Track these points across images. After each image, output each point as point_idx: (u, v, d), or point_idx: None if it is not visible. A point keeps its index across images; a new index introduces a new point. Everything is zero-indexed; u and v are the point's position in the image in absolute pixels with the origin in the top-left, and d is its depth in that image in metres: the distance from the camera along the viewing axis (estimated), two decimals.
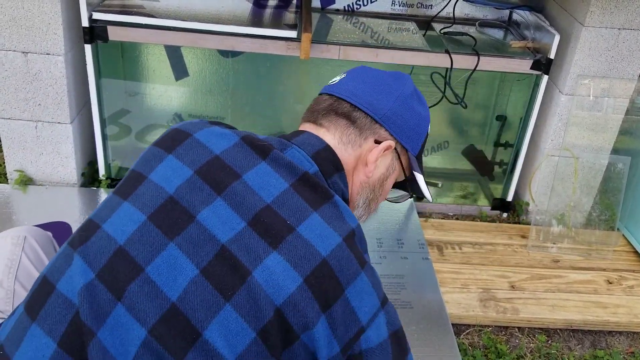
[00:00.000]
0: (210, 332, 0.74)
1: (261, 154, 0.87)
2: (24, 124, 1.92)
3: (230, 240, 0.79)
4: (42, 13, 1.74)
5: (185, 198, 0.82)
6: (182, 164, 0.86)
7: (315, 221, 0.82)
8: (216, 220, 0.80)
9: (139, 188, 0.84)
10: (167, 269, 0.77)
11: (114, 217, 0.82)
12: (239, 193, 0.82)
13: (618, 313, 1.78)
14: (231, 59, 2.10)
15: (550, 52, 1.91)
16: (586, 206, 2.09)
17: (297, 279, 0.77)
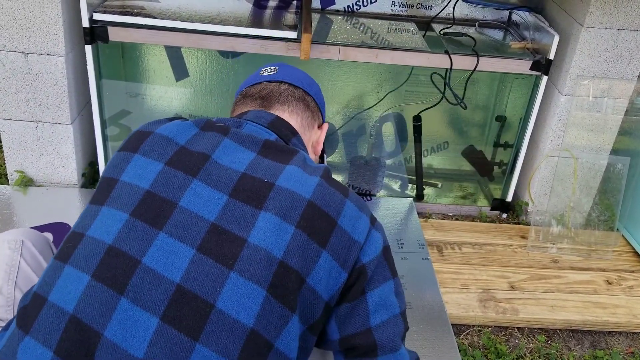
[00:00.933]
0: (221, 301, 0.75)
1: (222, 132, 0.91)
2: (25, 125, 1.92)
3: (218, 216, 0.81)
4: (42, 14, 1.75)
5: (162, 189, 0.83)
6: (150, 159, 0.88)
7: (290, 171, 0.87)
8: (198, 201, 0.82)
9: (113, 191, 0.85)
10: (164, 255, 0.78)
11: (96, 222, 0.82)
12: (213, 171, 0.86)
13: (617, 313, 1.78)
14: (231, 60, 2.11)
15: (549, 53, 1.92)
16: (586, 206, 2.10)
17: (289, 228, 0.81)
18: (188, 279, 0.76)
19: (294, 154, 0.91)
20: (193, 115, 2.22)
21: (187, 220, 0.80)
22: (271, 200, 0.83)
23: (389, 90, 2.17)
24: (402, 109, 2.22)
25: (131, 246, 0.78)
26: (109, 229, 0.80)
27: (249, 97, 1.07)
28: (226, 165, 0.87)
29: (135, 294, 0.76)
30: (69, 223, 1.81)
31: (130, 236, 0.79)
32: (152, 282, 0.76)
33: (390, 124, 2.24)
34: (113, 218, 0.81)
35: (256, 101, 1.05)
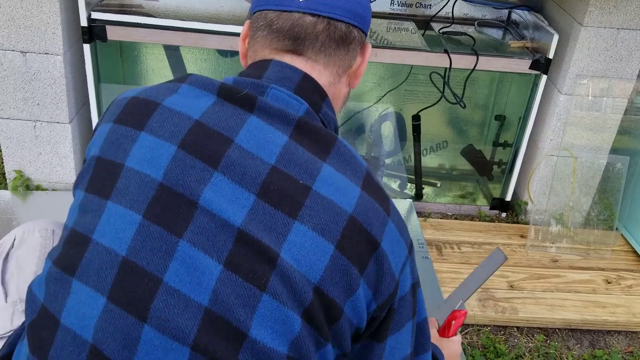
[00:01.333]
0: (255, 329, 0.66)
1: (246, 106, 0.73)
2: (23, 124, 1.92)
3: (245, 221, 0.67)
4: (40, 12, 1.74)
5: (178, 182, 0.68)
6: (160, 139, 0.71)
7: (328, 173, 0.71)
8: (222, 201, 0.68)
9: (119, 181, 0.70)
10: (188, 272, 0.66)
11: (103, 223, 0.69)
12: (237, 161, 0.69)
13: (616, 312, 1.78)
14: (230, 59, 2.10)
15: (549, 52, 1.91)
16: (585, 206, 2.10)
17: (328, 247, 0.68)
18: (217, 301, 0.65)
19: (332, 145, 0.74)
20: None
21: (211, 226, 0.67)
22: (307, 210, 0.68)
23: (388, 89, 2.17)
24: (401, 108, 2.22)
25: (149, 259, 0.66)
26: (120, 235, 0.67)
27: (275, 31, 0.80)
28: (253, 152, 0.70)
29: (159, 320, 0.65)
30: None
31: (146, 246, 0.66)
32: (177, 305, 0.65)
33: (390, 123, 2.24)
34: (123, 219, 0.68)
35: (284, 41, 0.80)
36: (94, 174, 0.73)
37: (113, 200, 0.70)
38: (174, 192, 0.68)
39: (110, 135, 0.74)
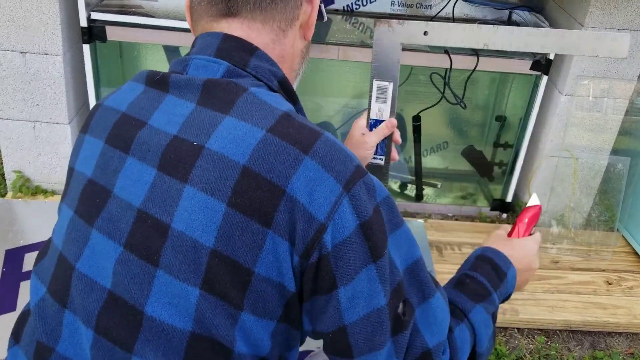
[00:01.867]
0: (151, 307, 0.65)
1: (163, 87, 0.75)
2: (22, 124, 1.91)
3: (145, 199, 0.67)
4: (40, 13, 1.74)
5: (101, 175, 0.73)
6: (94, 138, 0.76)
7: (227, 126, 0.68)
8: (129, 183, 0.69)
9: (70, 184, 0.79)
10: (94, 257, 0.70)
11: (57, 223, 0.80)
12: (145, 140, 0.70)
13: (617, 314, 1.77)
14: None
15: (549, 53, 1.91)
16: (586, 207, 2.09)
17: (219, 206, 0.64)
18: (116, 283, 0.68)
19: (239, 95, 0.70)
20: None
21: (118, 211, 0.69)
22: (197, 170, 0.65)
23: None
24: (402, 108, 2.21)
25: (71, 249, 0.73)
26: (61, 231, 0.76)
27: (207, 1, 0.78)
28: (160, 129, 0.70)
29: (73, 305, 0.71)
30: None
31: (70, 238, 0.73)
32: (84, 289, 0.70)
33: None
34: (65, 216, 0.76)
35: (218, 5, 0.77)
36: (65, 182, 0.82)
37: (63, 201, 0.78)
38: (97, 185, 0.73)
39: (75, 142, 0.83)
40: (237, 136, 0.67)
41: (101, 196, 0.71)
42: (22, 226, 1.84)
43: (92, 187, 0.73)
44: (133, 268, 0.67)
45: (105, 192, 0.71)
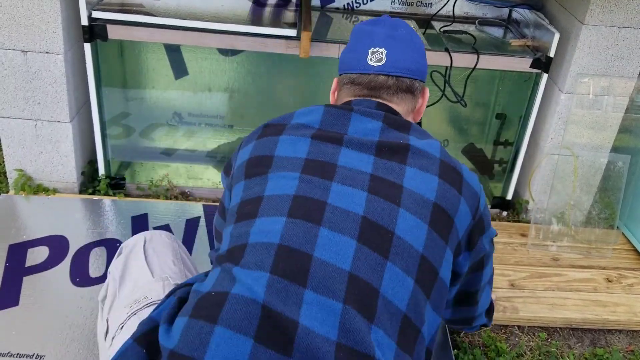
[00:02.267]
0: (399, 230, 0.90)
1: (337, 142, 1.01)
2: (24, 123, 1.92)
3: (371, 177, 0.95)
4: (41, 12, 1.74)
5: (317, 159, 0.98)
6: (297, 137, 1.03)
7: (416, 131, 1.03)
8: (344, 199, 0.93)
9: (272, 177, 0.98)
10: (330, 248, 0.87)
11: (261, 225, 0.92)
12: (346, 174, 0.96)
13: (617, 311, 1.78)
14: (231, 58, 2.10)
15: (550, 51, 1.91)
16: (586, 204, 2.10)
17: (434, 179, 0.96)
18: (355, 267, 0.86)
19: (409, 125, 1.04)
20: (192, 114, 2.21)
21: (341, 215, 0.91)
22: (413, 157, 0.98)
23: None
24: None
25: (299, 243, 0.87)
26: (272, 227, 0.91)
27: (357, 84, 1.12)
28: (354, 168, 0.96)
29: (316, 284, 0.83)
30: (66, 236, 1.80)
31: (293, 233, 0.89)
32: (327, 272, 0.84)
33: None
34: (271, 217, 0.93)
35: (363, 90, 1.12)
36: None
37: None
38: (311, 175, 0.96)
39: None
40: (428, 139, 1.02)
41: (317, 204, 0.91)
42: (24, 222, 1.84)
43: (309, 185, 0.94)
44: (369, 258, 0.86)
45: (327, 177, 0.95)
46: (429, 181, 0.95)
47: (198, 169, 2.24)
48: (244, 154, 1.04)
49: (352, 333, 0.80)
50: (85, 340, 1.46)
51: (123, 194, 2.07)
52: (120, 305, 1.12)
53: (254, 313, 0.80)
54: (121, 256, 1.25)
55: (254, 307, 0.80)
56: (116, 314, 1.10)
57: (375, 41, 1.12)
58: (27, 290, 1.59)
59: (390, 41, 1.12)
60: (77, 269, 1.68)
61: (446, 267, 0.95)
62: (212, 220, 1.95)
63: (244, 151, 1.05)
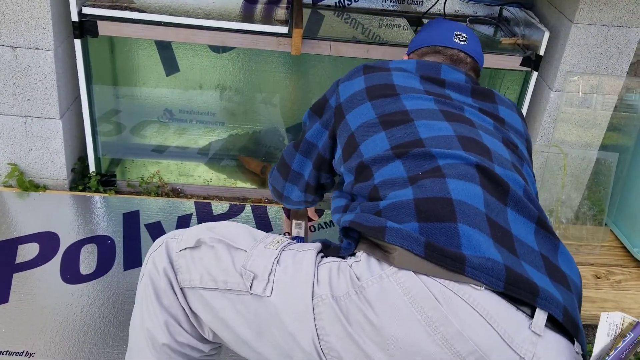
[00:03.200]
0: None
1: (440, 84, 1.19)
2: (13, 119, 1.90)
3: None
4: (31, 7, 1.73)
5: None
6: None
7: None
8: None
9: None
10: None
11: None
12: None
13: (606, 307, 1.80)
14: (222, 55, 2.10)
15: (539, 49, 1.92)
16: (575, 202, 2.11)
17: (517, 118, 1.20)
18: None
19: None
20: (183, 110, 2.21)
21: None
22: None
23: None
24: None
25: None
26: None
27: (441, 54, 1.29)
28: (464, 101, 1.15)
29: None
30: (57, 232, 1.79)
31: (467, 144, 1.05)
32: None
33: None
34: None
35: (446, 60, 1.27)
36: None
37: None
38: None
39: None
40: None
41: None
42: (15, 218, 1.83)
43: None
44: (509, 161, 1.04)
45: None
46: (516, 119, 1.17)
47: (189, 166, 2.24)
48: (351, 86, 1.17)
49: (532, 201, 0.98)
50: (76, 338, 1.45)
51: (114, 191, 2.06)
52: (259, 248, 0.95)
53: (473, 170, 0.95)
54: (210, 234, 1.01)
55: (470, 167, 0.95)
56: (258, 256, 0.93)
57: (459, 28, 1.33)
58: (17, 287, 1.58)
59: (469, 33, 1.34)
60: (67, 265, 1.67)
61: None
62: (204, 217, 1.95)
63: (349, 85, 1.18)
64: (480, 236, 0.87)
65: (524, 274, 0.85)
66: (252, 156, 2.27)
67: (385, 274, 0.85)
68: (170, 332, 0.98)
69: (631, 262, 2.01)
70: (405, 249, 0.85)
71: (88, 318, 1.51)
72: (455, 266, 0.83)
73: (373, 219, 0.91)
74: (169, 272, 0.98)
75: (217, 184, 2.18)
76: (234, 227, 1.01)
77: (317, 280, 0.88)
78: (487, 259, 0.84)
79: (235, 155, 2.28)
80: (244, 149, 2.28)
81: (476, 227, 0.87)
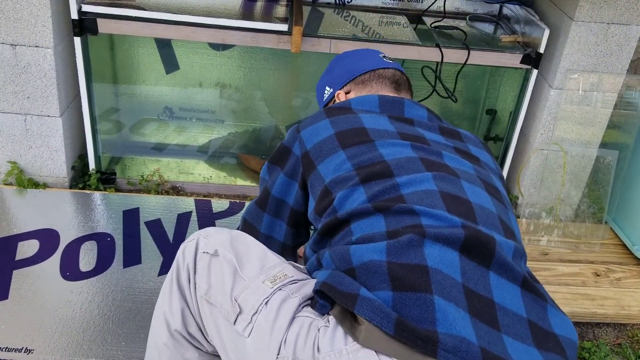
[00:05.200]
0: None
1: (407, 122, 1.16)
2: (13, 117, 1.91)
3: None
4: (30, 5, 1.73)
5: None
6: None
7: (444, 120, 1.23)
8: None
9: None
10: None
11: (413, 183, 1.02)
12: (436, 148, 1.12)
13: (605, 305, 1.79)
14: (222, 52, 2.10)
15: (540, 47, 1.92)
16: (575, 199, 2.11)
17: (485, 154, 1.16)
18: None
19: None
20: (183, 108, 2.21)
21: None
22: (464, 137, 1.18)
23: None
24: None
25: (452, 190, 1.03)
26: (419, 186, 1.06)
27: (384, 78, 1.27)
28: (439, 141, 1.12)
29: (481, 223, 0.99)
30: (57, 229, 1.79)
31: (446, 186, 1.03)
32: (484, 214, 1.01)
33: None
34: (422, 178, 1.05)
35: (392, 85, 1.27)
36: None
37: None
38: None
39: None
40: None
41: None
42: (15, 215, 1.84)
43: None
44: (500, 205, 1.02)
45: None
46: (486, 156, 1.13)
47: (189, 164, 2.24)
48: (317, 132, 1.10)
49: (517, 260, 0.94)
50: (75, 335, 1.46)
51: (114, 189, 2.06)
52: (257, 282, 0.95)
53: (455, 234, 0.88)
54: (224, 241, 1.03)
55: (453, 230, 0.89)
56: (253, 291, 0.94)
57: (378, 51, 1.33)
58: (17, 283, 1.58)
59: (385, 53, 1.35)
60: (67, 263, 1.67)
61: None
62: (204, 215, 1.95)
63: (313, 131, 1.11)
64: (456, 311, 0.81)
65: (501, 355, 0.80)
66: (252, 154, 2.28)
67: (346, 350, 0.82)
68: (184, 321, 1.04)
69: (631, 260, 2.01)
70: (374, 324, 0.80)
71: (87, 315, 1.51)
72: (426, 348, 0.77)
73: (347, 282, 0.86)
74: (190, 270, 1.03)
75: (217, 182, 2.18)
76: (253, 245, 1.04)
77: (285, 340, 0.87)
78: (462, 339, 0.78)
79: (235, 153, 2.28)
80: (244, 147, 2.28)
81: (452, 301, 0.82)
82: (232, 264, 0.98)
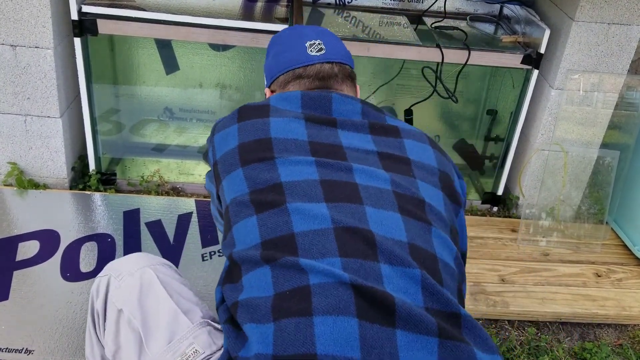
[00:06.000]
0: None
1: (331, 124, 1.02)
2: (13, 118, 1.90)
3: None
4: (30, 6, 1.73)
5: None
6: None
7: (387, 112, 1.07)
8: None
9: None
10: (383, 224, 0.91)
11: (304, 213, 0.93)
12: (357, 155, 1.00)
13: (606, 306, 1.79)
14: (222, 53, 2.10)
15: (540, 47, 1.92)
16: (575, 200, 2.11)
17: (428, 148, 1.02)
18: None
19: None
20: (183, 109, 2.20)
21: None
22: (408, 134, 1.04)
23: (380, 83, 2.17)
24: (394, 102, 2.22)
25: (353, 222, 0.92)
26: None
27: (306, 77, 1.09)
28: (360, 148, 0.98)
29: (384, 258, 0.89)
30: (57, 230, 1.79)
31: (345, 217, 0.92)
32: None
33: None
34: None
35: (314, 82, 1.09)
36: None
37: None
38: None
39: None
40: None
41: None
42: (15, 216, 1.83)
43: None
44: (417, 227, 0.89)
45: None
46: (426, 150, 1.00)
47: (189, 165, 2.24)
48: (225, 140, 0.98)
49: (436, 295, 0.81)
50: (75, 335, 1.45)
51: (114, 190, 2.06)
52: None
53: (347, 294, 0.78)
54: (131, 296, 1.01)
55: (344, 288, 0.78)
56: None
57: (309, 35, 1.13)
58: (17, 284, 1.58)
59: (321, 34, 1.15)
60: (67, 263, 1.67)
61: (460, 227, 1.01)
62: (204, 216, 1.95)
63: (224, 137, 0.99)
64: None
65: None
66: None
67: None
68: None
69: (632, 261, 2.01)
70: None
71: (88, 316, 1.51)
72: None
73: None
74: (101, 316, 1.05)
75: None
76: (164, 301, 0.98)
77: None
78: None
79: None
80: None
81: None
82: (137, 333, 0.94)
